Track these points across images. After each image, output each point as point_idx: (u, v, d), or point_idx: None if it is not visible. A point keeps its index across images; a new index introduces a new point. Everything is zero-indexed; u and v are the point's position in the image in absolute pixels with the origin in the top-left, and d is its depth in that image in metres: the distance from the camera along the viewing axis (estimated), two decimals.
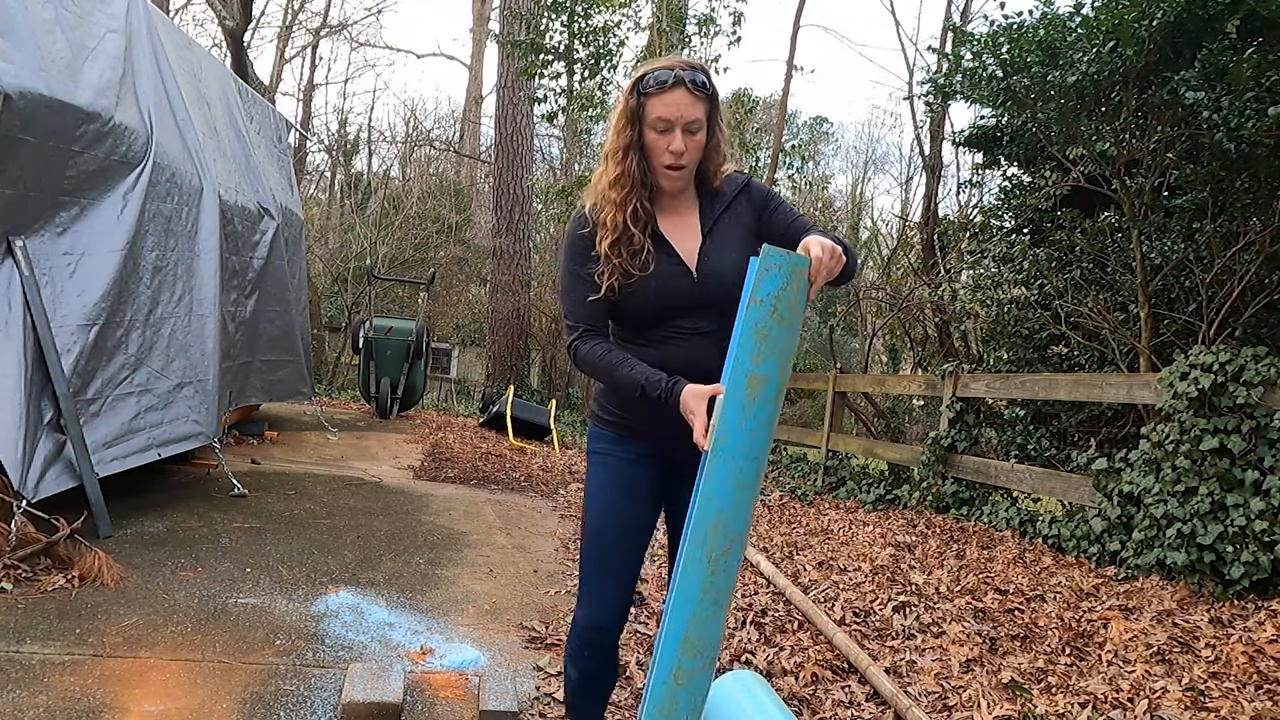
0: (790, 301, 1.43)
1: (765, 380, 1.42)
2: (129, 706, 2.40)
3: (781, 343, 1.43)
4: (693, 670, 1.41)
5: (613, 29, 11.63)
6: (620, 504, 1.98)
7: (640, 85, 1.86)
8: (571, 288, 1.96)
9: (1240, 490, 3.82)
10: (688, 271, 1.92)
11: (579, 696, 2.07)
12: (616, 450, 2.00)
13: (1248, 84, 4.49)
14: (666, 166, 1.88)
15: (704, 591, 1.40)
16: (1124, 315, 6.00)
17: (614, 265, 1.88)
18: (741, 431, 1.42)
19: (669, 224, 1.96)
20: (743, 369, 1.42)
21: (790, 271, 1.43)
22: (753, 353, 1.43)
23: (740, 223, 1.99)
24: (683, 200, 1.99)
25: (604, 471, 2.01)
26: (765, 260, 1.44)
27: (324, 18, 23.79)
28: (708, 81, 1.87)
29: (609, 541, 1.98)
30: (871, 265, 21.05)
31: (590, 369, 1.93)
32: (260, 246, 6.30)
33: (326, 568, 3.88)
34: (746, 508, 1.42)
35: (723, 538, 1.41)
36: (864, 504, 6.68)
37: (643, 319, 1.93)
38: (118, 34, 4.54)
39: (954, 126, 14.95)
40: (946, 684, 2.96)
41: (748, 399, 1.42)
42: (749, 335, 1.43)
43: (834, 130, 29.32)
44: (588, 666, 2.02)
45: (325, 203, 22.47)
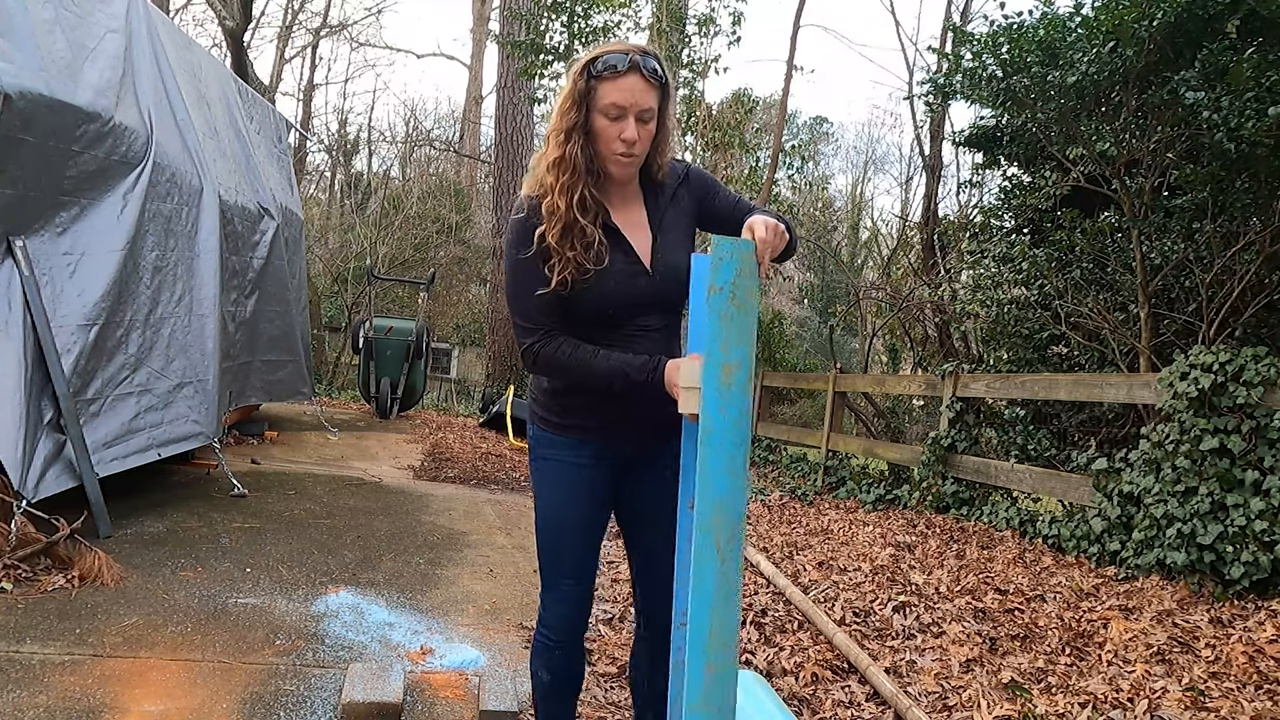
0: (746, 287, 1.48)
1: (738, 366, 1.48)
2: (129, 706, 2.40)
3: (745, 328, 1.48)
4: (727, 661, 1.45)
5: (613, 29, 11.63)
6: (570, 512, 1.95)
7: (592, 67, 1.76)
8: (523, 285, 1.82)
9: (1240, 490, 3.82)
10: (644, 270, 1.86)
11: (550, 699, 2.06)
12: (565, 455, 1.94)
13: (1248, 84, 4.49)
14: (617, 154, 1.79)
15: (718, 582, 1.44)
16: (1124, 315, 6.00)
17: (566, 258, 1.78)
18: (725, 419, 1.47)
19: (620, 216, 1.88)
20: (716, 358, 1.47)
21: (740, 257, 1.48)
22: (722, 341, 1.47)
23: (684, 215, 1.95)
24: (629, 192, 1.92)
25: (552, 479, 1.96)
26: (718, 250, 1.48)
27: (324, 18, 23.80)
28: (661, 70, 1.80)
29: (564, 548, 1.96)
30: (871, 265, 21.06)
31: (560, 371, 1.83)
32: (260, 246, 6.30)
33: (326, 568, 3.88)
34: (741, 494, 1.46)
35: (727, 526, 1.44)
36: (864, 504, 6.68)
37: (598, 318, 1.84)
38: (118, 34, 4.54)
39: (954, 126, 14.95)
40: (946, 684, 2.96)
41: (724, 386, 1.47)
42: (716, 324, 1.48)
43: (834, 130, 29.34)
44: (557, 667, 2.01)
45: (325, 203, 22.47)
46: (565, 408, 1.93)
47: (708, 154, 12.04)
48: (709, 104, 11.98)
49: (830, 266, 19.30)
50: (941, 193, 11.17)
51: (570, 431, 1.93)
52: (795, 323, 20.71)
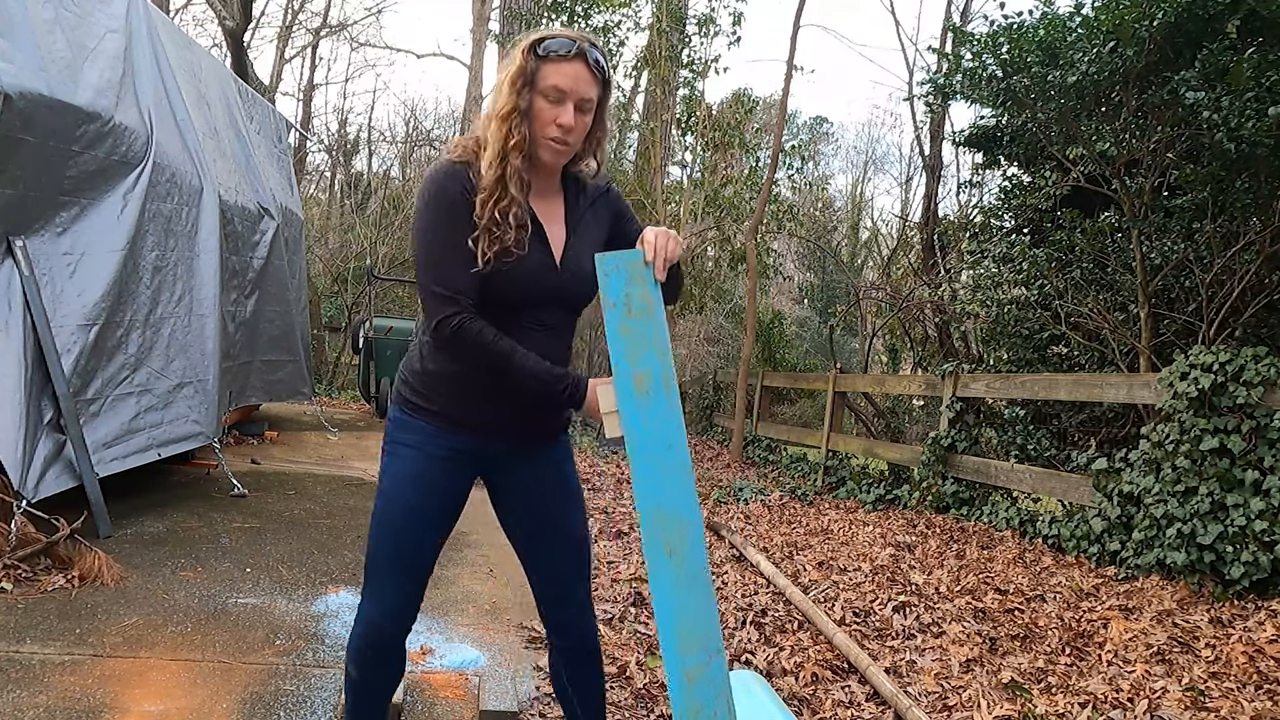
0: (640, 295, 1.51)
1: (649, 374, 1.50)
2: (129, 706, 2.39)
3: (649, 335, 1.51)
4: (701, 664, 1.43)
5: (613, 29, 11.64)
6: (419, 504, 1.82)
7: (537, 48, 1.71)
8: (449, 252, 1.71)
9: (1240, 490, 3.82)
10: (554, 265, 1.80)
11: (360, 696, 1.94)
12: (427, 445, 1.81)
13: (1248, 84, 4.49)
14: (549, 139, 1.73)
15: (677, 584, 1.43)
16: (1124, 315, 6.00)
17: (496, 236, 1.70)
18: (646, 426, 1.48)
19: (539, 205, 1.81)
20: (624, 371, 1.50)
21: (628, 269, 1.50)
22: (625, 353, 1.50)
23: (600, 225, 1.91)
24: (550, 185, 1.86)
25: (407, 466, 1.83)
26: (602, 266, 1.51)
27: (324, 18, 23.79)
28: (605, 65, 1.76)
29: (405, 541, 1.83)
30: (871, 265, 21.06)
31: (478, 352, 1.71)
32: (260, 246, 6.30)
33: (326, 568, 3.88)
34: (684, 492, 1.47)
35: (673, 527, 1.45)
36: (864, 504, 6.68)
37: (503, 305, 1.75)
38: (118, 34, 4.54)
39: (954, 126, 14.95)
40: (946, 684, 2.96)
41: (639, 395, 1.48)
42: (616, 338, 1.51)
43: (834, 130, 29.35)
44: (370, 666, 1.90)
45: (325, 203, 22.47)
46: (438, 393, 1.81)
47: (708, 154, 12.04)
48: (709, 104, 11.99)
49: (830, 266, 19.30)
50: (941, 193, 11.18)
51: (432, 418, 1.81)
52: (795, 323, 20.70)
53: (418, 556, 1.85)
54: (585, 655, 1.97)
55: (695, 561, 1.45)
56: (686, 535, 1.45)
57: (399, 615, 1.88)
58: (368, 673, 1.91)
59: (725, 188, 12.19)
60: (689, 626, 1.43)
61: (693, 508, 1.47)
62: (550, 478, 1.90)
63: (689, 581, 1.43)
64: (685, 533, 1.45)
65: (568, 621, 1.94)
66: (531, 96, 1.72)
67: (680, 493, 1.47)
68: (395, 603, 1.86)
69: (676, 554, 1.44)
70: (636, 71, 12.81)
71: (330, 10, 35.30)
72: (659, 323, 1.52)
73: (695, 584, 1.44)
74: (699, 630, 1.43)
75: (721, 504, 6.62)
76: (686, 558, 1.44)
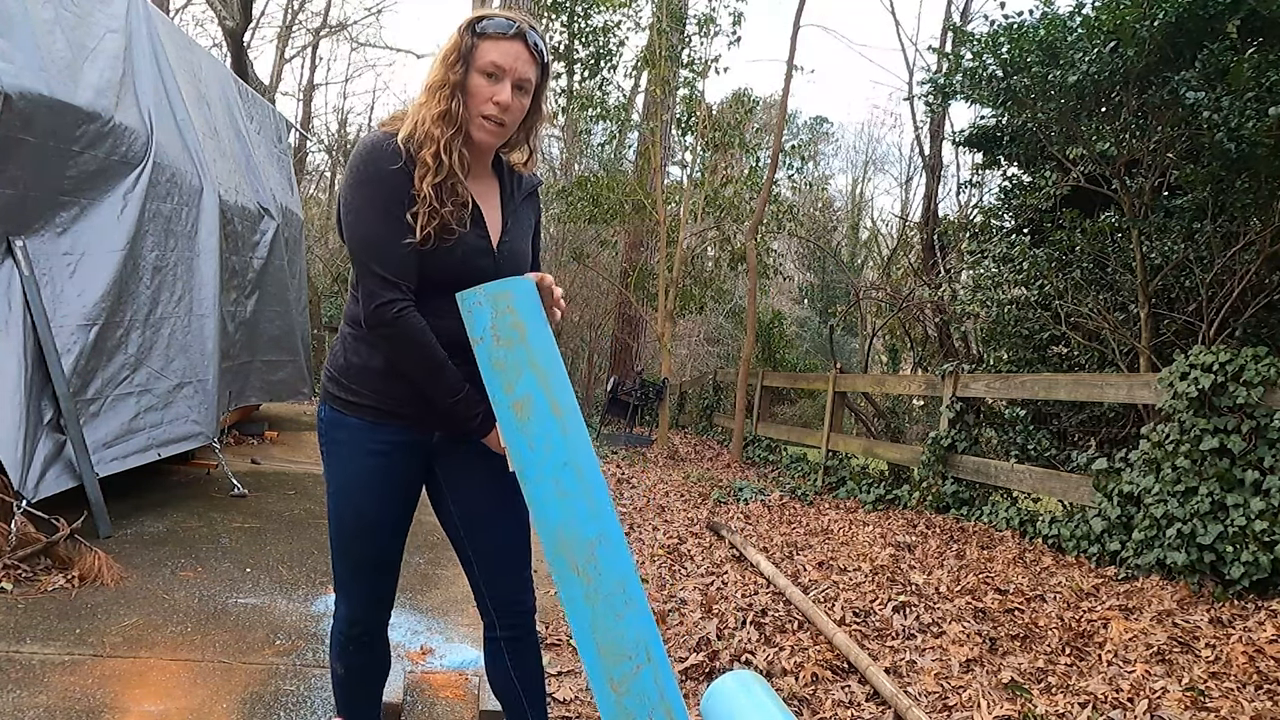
0: (510, 324, 1.46)
1: (528, 399, 1.45)
2: (129, 706, 2.39)
3: (524, 360, 1.46)
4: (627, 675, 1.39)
5: (613, 29, 11.64)
6: (367, 504, 1.78)
7: (476, 25, 1.69)
8: (389, 232, 1.65)
9: (1240, 490, 3.82)
10: (490, 249, 1.77)
11: (349, 690, 1.96)
12: (362, 440, 1.77)
13: (1248, 84, 4.49)
14: (485, 117, 1.70)
15: (589, 600, 1.39)
16: (1124, 315, 6.00)
17: (436, 211, 1.65)
18: (533, 451, 1.44)
19: (473, 187, 1.78)
20: (502, 402, 1.46)
21: (490, 302, 1.47)
22: (501, 384, 1.46)
23: (529, 217, 1.90)
24: (483, 167, 1.82)
25: (348, 467, 1.78)
26: (464, 303, 1.47)
27: (324, 18, 23.78)
28: (545, 48, 1.74)
29: (360, 542, 1.81)
30: (871, 265, 21.06)
31: (412, 349, 1.67)
32: (260, 246, 6.30)
33: (326, 568, 3.88)
34: (586, 510, 1.41)
35: (580, 548, 1.40)
36: (864, 504, 6.67)
37: (438, 285, 1.69)
38: (118, 34, 4.54)
39: (954, 126, 14.96)
40: (946, 684, 2.96)
41: (521, 422, 1.45)
42: (489, 371, 1.47)
43: (834, 130, 29.36)
44: (354, 660, 1.92)
45: (325, 203, 22.45)
46: (360, 383, 1.76)
47: (708, 154, 12.04)
48: (709, 104, 11.98)
49: (830, 266, 19.30)
50: (941, 193, 11.19)
51: (363, 412, 1.76)
52: (795, 323, 20.71)
53: (377, 554, 1.83)
54: (528, 641, 1.94)
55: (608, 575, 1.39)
56: (595, 552, 1.40)
57: (372, 609, 1.88)
58: (353, 666, 1.93)
59: (725, 188, 12.19)
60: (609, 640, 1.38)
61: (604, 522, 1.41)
62: (483, 469, 1.84)
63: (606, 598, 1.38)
64: (594, 552, 1.40)
65: (514, 606, 1.90)
66: (467, 74, 1.69)
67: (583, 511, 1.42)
68: (365, 599, 1.86)
69: (584, 572, 1.39)
70: (636, 71, 12.81)
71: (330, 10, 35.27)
72: (536, 346, 1.45)
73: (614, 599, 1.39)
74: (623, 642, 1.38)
75: (721, 504, 6.62)
76: (596, 574, 1.39)
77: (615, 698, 1.36)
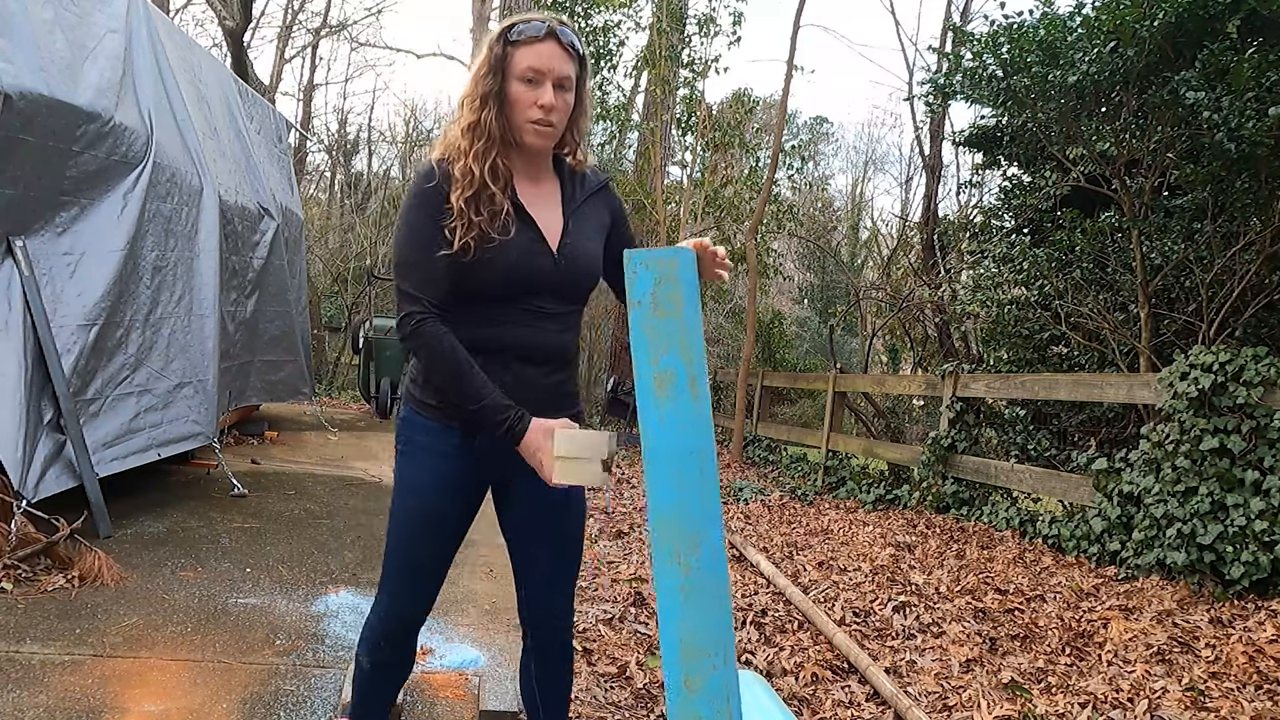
0: (669, 295, 1.45)
1: (671, 374, 1.44)
2: (129, 706, 2.39)
3: (675, 335, 1.45)
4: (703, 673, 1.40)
5: (613, 29, 11.64)
6: (433, 504, 1.82)
7: (508, 34, 1.71)
8: (416, 251, 1.72)
9: (1240, 490, 3.82)
10: (548, 251, 1.77)
11: (371, 687, 1.97)
12: (437, 444, 1.80)
13: (1248, 84, 4.49)
14: (533, 122, 1.72)
15: (684, 593, 1.39)
16: (1124, 315, 6.00)
17: (471, 222, 1.69)
18: (663, 430, 1.43)
19: (528, 192, 1.79)
20: (645, 370, 1.44)
21: (657, 266, 1.45)
22: (648, 353, 1.44)
23: (599, 216, 1.89)
24: (542, 170, 1.84)
25: (419, 467, 1.82)
26: (630, 264, 1.45)
27: (324, 18, 23.78)
28: (578, 43, 1.75)
29: (419, 542, 1.84)
30: (871, 265, 21.05)
31: (432, 358, 1.71)
32: (260, 246, 6.30)
33: (326, 568, 3.88)
34: (699, 501, 1.42)
35: (685, 538, 1.40)
36: (864, 504, 6.67)
37: (491, 293, 1.74)
38: (118, 34, 4.54)
39: (954, 126, 14.96)
40: (946, 684, 2.96)
41: (658, 397, 1.44)
42: (640, 336, 1.45)
43: (834, 130, 29.36)
44: (383, 658, 1.92)
45: (325, 203, 22.45)
46: (436, 390, 1.80)
47: (708, 154, 12.04)
48: (709, 104, 11.98)
49: (830, 266, 19.30)
50: (941, 193, 11.19)
51: (439, 416, 1.80)
52: (795, 323, 20.70)
53: (431, 557, 1.86)
54: (560, 657, 1.97)
55: (706, 571, 1.40)
56: (698, 544, 1.41)
57: (413, 611, 1.89)
58: (379, 663, 1.93)
59: (725, 188, 12.19)
60: (693, 637, 1.39)
61: (710, 517, 1.42)
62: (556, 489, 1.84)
63: (699, 593, 1.39)
64: (697, 542, 1.41)
65: (550, 622, 1.94)
66: (505, 83, 1.71)
67: (697, 501, 1.42)
68: (409, 600, 1.88)
69: (684, 563, 1.40)
70: (636, 71, 12.80)
71: (330, 10, 35.30)
72: (688, 323, 1.45)
73: (706, 595, 1.40)
74: (706, 640, 1.39)
75: (721, 504, 6.62)
76: (695, 567, 1.40)
77: (686, 695, 1.37)
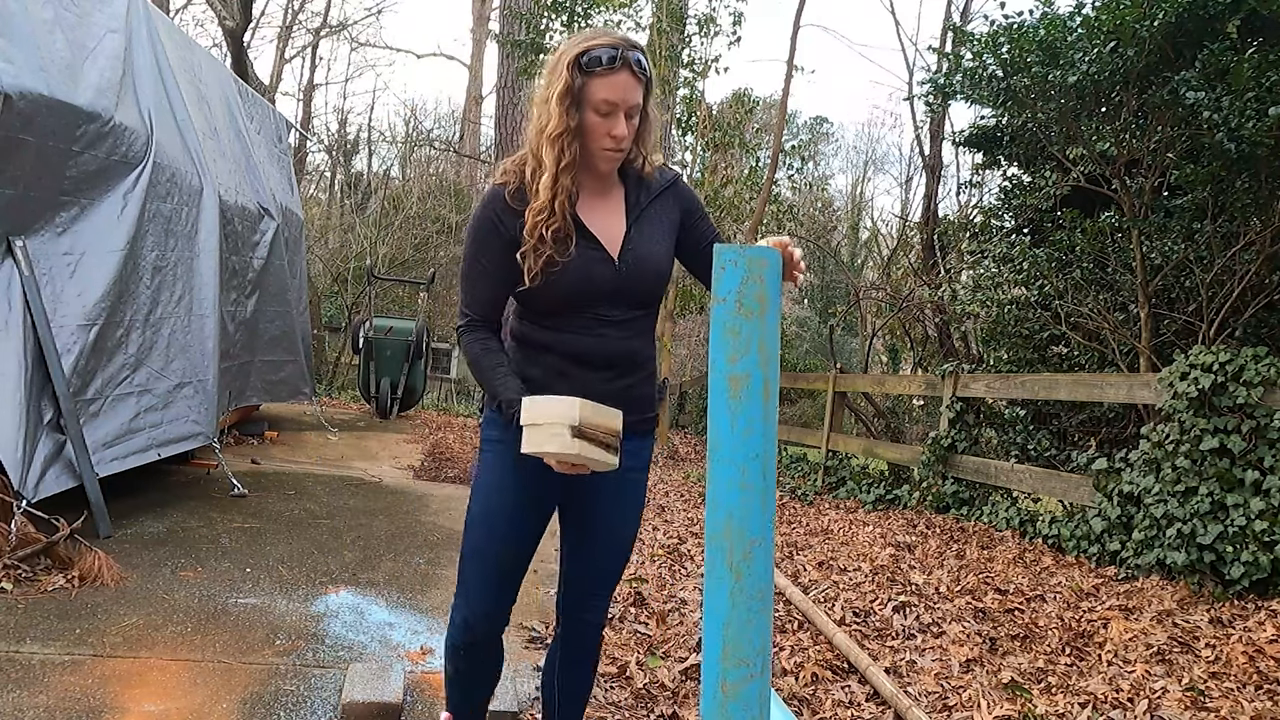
0: (755, 295, 1.42)
1: (746, 377, 1.41)
2: (129, 706, 2.39)
3: (756, 336, 1.42)
4: (740, 681, 1.39)
5: (613, 29, 11.61)
6: (511, 500, 1.87)
7: (582, 61, 1.70)
8: (473, 274, 1.85)
9: (1240, 490, 3.82)
10: (609, 258, 1.81)
11: (463, 691, 2.02)
12: (510, 438, 1.84)
13: (1248, 84, 4.49)
14: (606, 149, 1.77)
15: (732, 599, 1.38)
16: (1124, 315, 6.00)
17: (544, 254, 1.75)
18: (734, 434, 1.41)
19: (589, 205, 1.84)
20: (721, 370, 1.42)
21: (747, 264, 1.43)
22: (728, 353, 1.41)
23: (666, 216, 1.91)
24: (608, 181, 1.88)
25: (498, 463, 1.88)
26: (721, 258, 1.40)
27: (324, 18, 23.79)
28: (647, 63, 1.77)
29: (498, 539, 1.88)
30: (871, 265, 21.06)
31: (468, 361, 1.87)
32: (260, 246, 6.30)
33: (326, 568, 3.88)
34: (758, 508, 1.40)
35: (740, 542, 1.39)
36: (864, 504, 6.67)
37: (556, 306, 1.81)
38: (118, 34, 4.54)
39: (954, 126, 14.96)
40: (946, 684, 2.96)
41: (732, 399, 1.41)
42: (720, 335, 1.42)
43: (834, 130, 29.36)
44: (466, 662, 1.97)
45: (325, 203, 22.46)
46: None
47: (708, 154, 12.04)
48: (709, 104, 11.99)
49: (830, 266, 19.30)
50: (941, 193, 11.19)
51: None
52: (795, 323, 20.71)
53: (508, 555, 1.90)
54: (583, 654, 2.02)
55: (756, 579, 1.39)
56: (752, 552, 1.40)
57: (491, 614, 1.92)
58: (464, 669, 1.99)
59: (725, 188, 12.19)
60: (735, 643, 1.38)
61: (766, 527, 1.41)
62: (614, 482, 1.89)
63: (746, 601, 1.38)
64: (751, 552, 1.39)
65: (583, 618, 2.00)
66: (582, 114, 1.73)
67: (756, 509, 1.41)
68: (485, 603, 1.91)
69: (736, 569, 1.38)
70: None
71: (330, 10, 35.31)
72: (769, 327, 1.42)
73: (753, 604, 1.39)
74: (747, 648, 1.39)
75: None
76: (746, 574, 1.39)
77: (722, 700, 1.37)
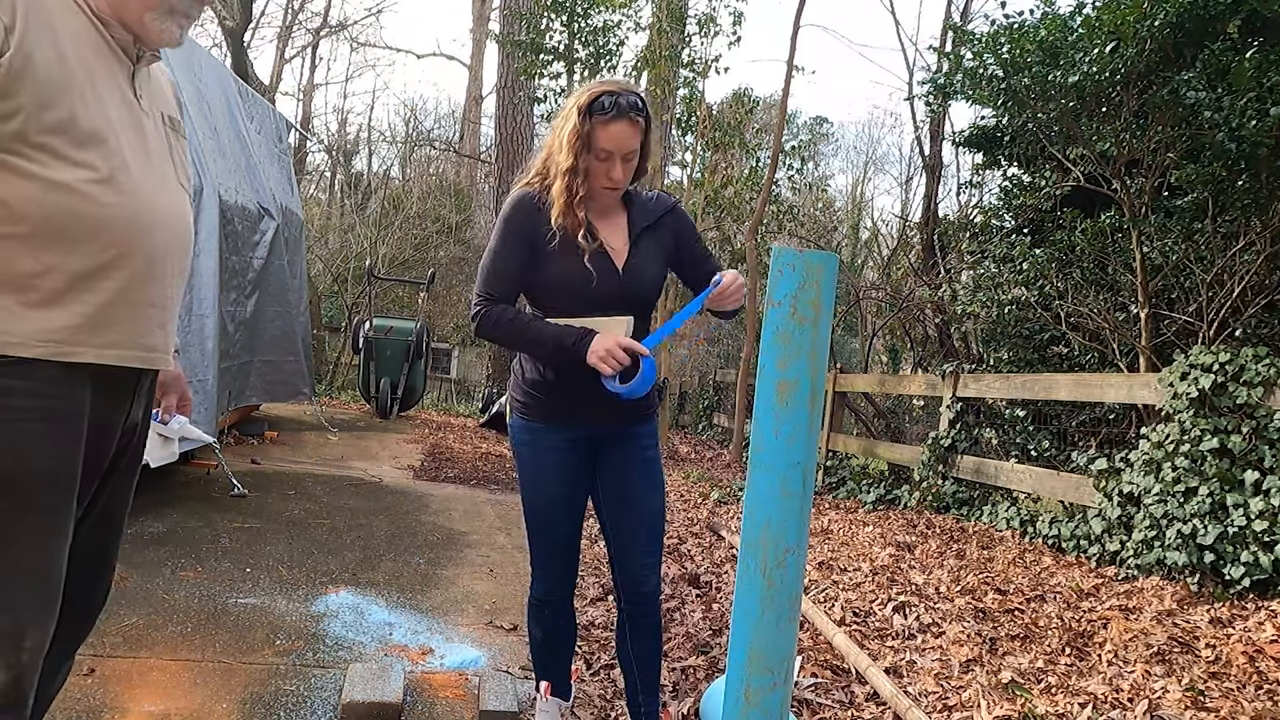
0: (810, 300, 1.39)
1: (795, 384, 1.38)
2: (129, 706, 2.39)
3: (808, 343, 1.40)
4: (763, 688, 1.38)
5: (613, 29, 11.63)
6: (553, 491, 2.16)
7: (591, 109, 1.99)
8: (497, 264, 2.08)
9: (1240, 490, 3.82)
10: (615, 269, 2.10)
11: (545, 649, 2.32)
12: (543, 440, 2.15)
13: (1249, 84, 4.50)
14: (604, 188, 2.07)
15: (763, 606, 1.37)
16: (1124, 315, 6.00)
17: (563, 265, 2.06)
18: (778, 440, 1.38)
19: (599, 222, 2.13)
20: (770, 375, 1.39)
21: (807, 270, 1.40)
22: (778, 357, 1.39)
23: (661, 241, 2.19)
24: (611, 205, 2.17)
25: (533, 461, 2.17)
26: (778, 261, 1.39)
27: (324, 18, 23.80)
28: (644, 106, 2.04)
29: (548, 527, 2.19)
30: (871, 265, 21.04)
31: (499, 332, 2.05)
32: (260, 246, 6.29)
33: (326, 568, 3.88)
34: (796, 516, 1.38)
35: (774, 549, 1.37)
36: (864, 504, 6.67)
37: (565, 307, 2.07)
38: None
39: (954, 126, 14.96)
40: (946, 684, 2.95)
41: (779, 405, 1.39)
42: (771, 339, 1.40)
43: (834, 130, 29.34)
44: (547, 624, 2.28)
45: (325, 203, 22.46)
46: (537, 393, 2.14)
47: (708, 154, 12.04)
48: (709, 104, 11.98)
49: None
50: (941, 193, 11.18)
51: (542, 418, 2.15)
52: None
53: (560, 538, 2.21)
54: (646, 622, 2.24)
55: (787, 588, 1.37)
56: (785, 559, 1.38)
57: (562, 583, 2.26)
58: (549, 628, 2.29)
59: (725, 188, 12.18)
60: (763, 650, 1.37)
61: (801, 535, 1.40)
62: (636, 459, 2.20)
63: (776, 609, 1.36)
64: (785, 559, 1.38)
65: (638, 586, 2.22)
66: (588, 158, 2.02)
67: (792, 518, 1.39)
68: (555, 574, 2.24)
69: (769, 576, 1.37)
70: (636, 71, 12.80)
71: (330, 10, 35.31)
72: (821, 334, 1.40)
73: (783, 612, 1.37)
74: (773, 656, 1.37)
75: (722, 504, 6.62)
76: (778, 582, 1.37)
77: (745, 706, 1.37)
